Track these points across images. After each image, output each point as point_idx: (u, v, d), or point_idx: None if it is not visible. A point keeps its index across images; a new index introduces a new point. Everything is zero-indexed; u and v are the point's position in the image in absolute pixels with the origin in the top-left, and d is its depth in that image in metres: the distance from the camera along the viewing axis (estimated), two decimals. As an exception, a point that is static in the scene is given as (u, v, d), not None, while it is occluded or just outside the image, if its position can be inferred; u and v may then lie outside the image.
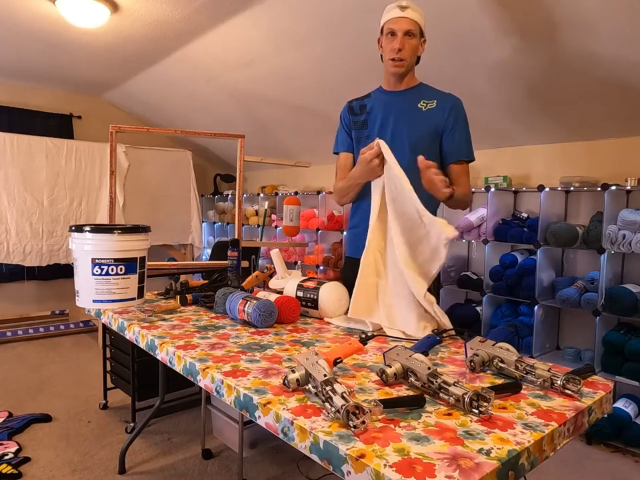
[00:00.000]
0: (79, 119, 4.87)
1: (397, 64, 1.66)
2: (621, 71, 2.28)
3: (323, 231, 4.19)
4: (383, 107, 1.76)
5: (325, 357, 1.01)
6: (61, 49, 3.59)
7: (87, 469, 2.22)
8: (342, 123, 1.87)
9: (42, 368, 3.49)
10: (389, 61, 1.68)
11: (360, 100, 1.84)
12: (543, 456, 0.81)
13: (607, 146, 2.78)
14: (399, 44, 1.62)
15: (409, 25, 1.62)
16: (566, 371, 1.01)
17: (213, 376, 1.07)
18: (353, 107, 1.84)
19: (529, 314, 2.86)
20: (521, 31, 2.30)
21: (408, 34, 1.62)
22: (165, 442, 2.49)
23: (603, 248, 2.49)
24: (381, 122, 1.75)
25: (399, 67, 1.67)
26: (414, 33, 1.63)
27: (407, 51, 1.64)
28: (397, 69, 1.67)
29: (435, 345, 1.25)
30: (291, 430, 0.85)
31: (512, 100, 2.77)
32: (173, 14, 2.91)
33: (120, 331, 1.55)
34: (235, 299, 1.51)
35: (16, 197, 3.67)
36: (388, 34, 1.66)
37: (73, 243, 1.69)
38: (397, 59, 1.65)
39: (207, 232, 5.61)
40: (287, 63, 3.24)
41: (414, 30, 1.63)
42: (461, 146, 1.72)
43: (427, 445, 0.77)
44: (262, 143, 4.65)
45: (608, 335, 2.51)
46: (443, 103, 1.70)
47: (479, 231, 3.08)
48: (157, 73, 4.03)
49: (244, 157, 3.04)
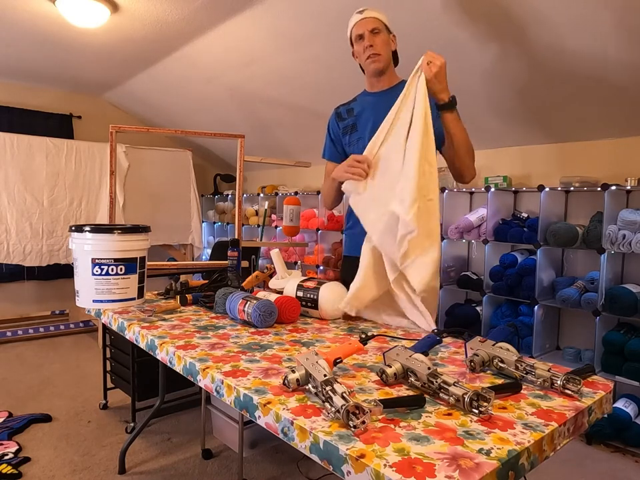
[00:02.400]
0: (79, 119, 4.87)
1: (374, 59, 1.72)
2: (613, 70, 2.28)
3: (322, 231, 4.19)
4: (370, 108, 1.79)
5: (325, 356, 1.01)
6: (61, 49, 3.59)
7: (86, 468, 2.22)
8: (329, 132, 1.93)
9: (42, 368, 3.49)
10: (366, 61, 1.74)
11: (346, 105, 1.89)
12: (543, 456, 0.81)
13: (607, 146, 2.78)
14: (368, 41, 1.70)
15: (372, 24, 1.70)
16: (566, 371, 1.01)
17: (213, 376, 1.07)
18: (340, 113, 1.89)
19: (529, 314, 2.86)
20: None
21: (374, 31, 1.70)
22: (165, 442, 2.49)
23: (603, 248, 2.49)
24: (371, 123, 1.77)
25: (377, 61, 1.72)
26: (379, 28, 1.71)
27: (378, 45, 1.70)
28: (375, 64, 1.73)
29: (435, 344, 1.25)
30: (291, 430, 0.85)
31: (511, 101, 2.77)
32: (173, 14, 2.91)
33: (120, 331, 1.55)
34: (234, 299, 1.51)
35: (16, 197, 3.67)
36: (357, 39, 1.74)
37: (72, 243, 1.69)
38: (372, 54, 1.71)
39: (207, 232, 5.61)
40: (287, 63, 3.24)
41: (378, 26, 1.71)
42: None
43: (427, 445, 0.77)
44: (262, 143, 4.65)
45: (608, 335, 2.51)
46: None
47: (479, 230, 3.08)
48: (157, 73, 4.03)
49: (244, 157, 3.04)
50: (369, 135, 1.75)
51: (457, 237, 3.17)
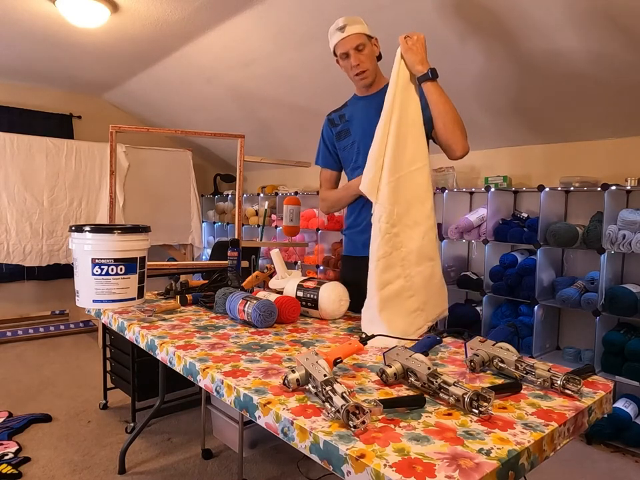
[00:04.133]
0: (79, 119, 4.87)
1: (362, 77, 1.74)
2: (611, 70, 2.28)
3: (323, 231, 4.19)
4: (360, 113, 1.82)
5: (325, 356, 1.01)
6: (61, 49, 3.58)
7: (86, 468, 2.22)
8: (323, 138, 1.96)
9: (42, 368, 3.49)
10: (355, 77, 1.76)
11: (338, 111, 1.92)
12: (543, 456, 0.81)
13: (607, 146, 2.78)
14: (354, 61, 1.71)
15: (355, 41, 1.69)
16: (566, 371, 1.01)
17: (213, 376, 1.07)
18: (332, 119, 1.92)
19: (529, 314, 2.86)
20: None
21: (358, 48, 1.70)
22: (165, 442, 2.49)
23: (603, 248, 2.49)
24: (362, 128, 1.79)
25: (365, 78, 1.75)
26: (363, 43, 1.70)
27: (364, 62, 1.72)
28: (364, 81, 1.76)
29: (435, 344, 1.25)
30: (291, 430, 0.85)
31: (510, 101, 2.77)
32: (173, 14, 2.91)
33: (120, 331, 1.55)
34: (235, 299, 1.51)
35: (16, 196, 3.67)
36: (342, 56, 1.74)
37: (72, 243, 1.69)
38: (360, 72, 1.73)
39: (207, 232, 5.61)
40: (287, 63, 3.24)
41: (361, 42, 1.70)
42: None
43: (426, 445, 0.77)
44: (262, 143, 4.65)
45: (608, 335, 2.51)
46: None
47: (479, 231, 3.08)
48: (157, 73, 4.03)
49: (244, 157, 3.04)
50: (361, 138, 1.79)
51: (456, 237, 3.17)
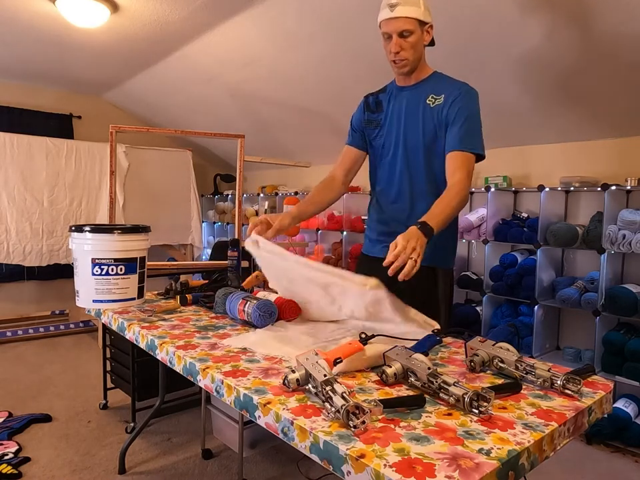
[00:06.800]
0: (78, 119, 4.87)
1: (398, 65, 1.60)
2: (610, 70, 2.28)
3: (323, 231, 4.19)
4: (396, 107, 1.70)
5: (325, 356, 1.01)
6: (61, 49, 3.58)
7: (86, 468, 2.22)
8: (351, 120, 1.83)
9: (42, 368, 3.49)
10: (392, 62, 1.62)
11: (375, 95, 1.78)
12: (543, 456, 0.81)
13: (607, 146, 2.78)
14: (394, 47, 1.56)
15: (402, 25, 1.52)
16: (566, 371, 1.01)
17: (213, 376, 1.07)
18: (369, 103, 1.78)
19: (529, 314, 2.86)
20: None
21: (403, 34, 1.53)
22: (165, 442, 2.49)
23: (603, 248, 2.49)
24: (396, 125, 1.69)
25: (402, 67, 1.61)
26: (410, 30, 1.53)
27: (406, 51, 1.56)
28: (401, 69, 1.62)
29: (435, 345, 1.25)
30: (291, 430, 0.85)
31: (510, 101, 2.77)
32: (173, 14, 2.91)
33: (120, 331, 1.55)
34: (234, 299, 1.51)
35: (16, 197, 3.67)
36: (384, 35, 1.59)
37: (72, 243, 1.69)
38: (397, 60, 1.59)
39: (207, 232, 5.61)
40: (287, 63, 3.24)
41: (409, 28, 1.52)
42: (459, 136, 1.56)
43: (426, 445, 0.77)
44: (262, 143, 4.65)
45: (608, 335, 2.51)
46: (449, 96, 1.59)
47: (479, 231, 3.08)
48: (157, 73, 4.03)
49: (244, 157, 3.04)
50: (395, 132, 1.68)
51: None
